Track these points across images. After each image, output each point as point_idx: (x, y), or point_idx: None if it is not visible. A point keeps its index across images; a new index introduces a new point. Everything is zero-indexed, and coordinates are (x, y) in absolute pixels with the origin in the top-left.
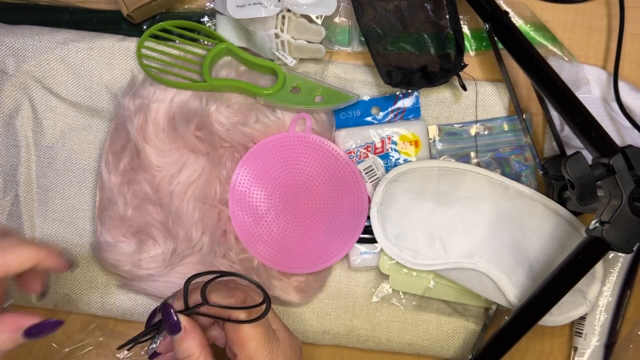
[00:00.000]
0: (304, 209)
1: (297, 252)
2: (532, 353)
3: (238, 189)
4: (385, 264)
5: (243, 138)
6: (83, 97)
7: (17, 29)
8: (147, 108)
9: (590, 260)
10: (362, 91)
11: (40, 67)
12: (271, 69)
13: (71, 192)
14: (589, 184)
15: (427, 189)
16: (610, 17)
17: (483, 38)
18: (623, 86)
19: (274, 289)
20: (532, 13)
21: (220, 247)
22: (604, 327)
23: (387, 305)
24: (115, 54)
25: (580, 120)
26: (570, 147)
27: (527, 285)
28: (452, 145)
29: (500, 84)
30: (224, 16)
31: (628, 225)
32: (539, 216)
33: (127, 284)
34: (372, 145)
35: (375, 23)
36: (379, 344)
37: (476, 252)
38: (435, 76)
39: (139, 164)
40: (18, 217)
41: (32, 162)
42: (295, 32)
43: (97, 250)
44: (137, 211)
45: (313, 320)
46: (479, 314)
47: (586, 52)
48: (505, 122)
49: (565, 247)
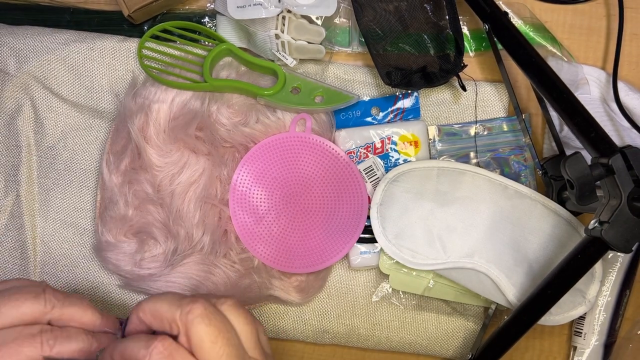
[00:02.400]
0: (304, 208)
1: (298, 251)
2: (531, 352)
3: (239, 189)
4: (385, 263)
5: (244, 138)
6: (84, 98)
7: (18, 29)
8: (148, 108)
9: (589, 260)
10: (362, 92)
11: (41, 67)
12: (271, 70)
13: (72, 192)
14: (588, 184)
15: (427, 189)
16: (609, 18)
17: (482, 39)
18: (622, 86)
19: (274, 289)
20: (531, 14)
21: (221, 247)
22: (603, 326)
23: (387, 304)
24: (116, 54)
25: (580, 120)
26: (569, 147)
27: (527, 285)
28: (452, 146)
29: (499, 84)
30: (224, 17)
31: (627, 225)
32: (538, 216)
33: (128, 283)
34: (372, 145)
35: (375, 24)
36: (379, 344)
37: (475, 252)
38: (434, 77)
39: (140, 164)
40: (19, 217)
41: (34, 163)
42: (296, 33)
43: (98, 250)
44: (138, 211)
45: (313, 319)
46: (479, 314)
47: (585, 52)
48: (504, 122)
49: (564, 247)
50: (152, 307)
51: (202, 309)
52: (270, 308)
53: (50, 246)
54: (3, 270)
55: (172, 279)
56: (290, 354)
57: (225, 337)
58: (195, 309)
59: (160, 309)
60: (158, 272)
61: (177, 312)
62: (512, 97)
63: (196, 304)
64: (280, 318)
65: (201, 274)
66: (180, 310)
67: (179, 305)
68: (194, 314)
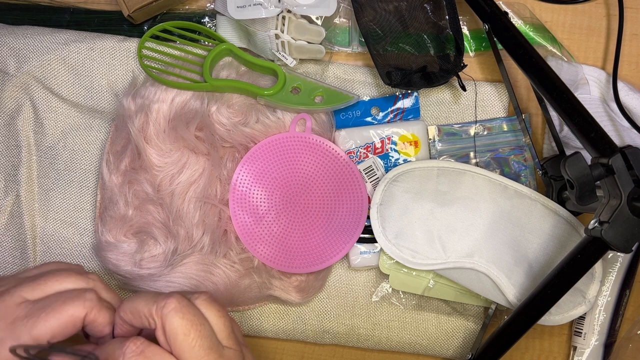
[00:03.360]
0: (304, 208)
1: (298, 251)
2: (531, 352)
3: (238, 189)
4: (385, 263)
5: (243, 138)
6: (84, 98)
7: (18, 29)
8: (148, 108)
9: (589, 260)
10: (362, 92)
11: (41, 67)
12: (271, 70)
13: (72, 192)
14: (588, 184)
15: (427, 188)
16: (609, 18)
17: (482, 39)
18: (622, 86)
19: (274, 289)
20: (531, 13)
21: (221, 247)
22: (603, 326)
23: (387, 304)
24: (116, 54)
25: (580, 120)
26: (569, 147)
27: (527, 285)
28: (452, 146)
29: (499, 84)
30: (224, 17)
31: (627, 225)
32: (538, 216)
33: (128, 283)
34: (372, 145)
35: (375, 24)
36: (379, 344)
37: (475, 252)
38: (434, 77)
39: (139, 164)
40: (19, 217)
41: (34, 162)
42: (296, 33)
43: (98, 250)
44: (138, 211)
45: (313, 319)
46: (479, 314)
47: (585, 52)
48: (504, 122)
49: (564, 247)
50: (130, 306)
51: (176, 303)
52: (270, 308)
53: (50, 246)
54: (3, 270)
55: (172, 279)
56: (290, 354)
57: (197, 329)
58: (170, 304)
59: (138, 306)
60: (158, 272)
61: (153, 307)
62: (512, 97)
63: (170, 299)
64: (280, 318)
65: (201, 274)
66: (155, 305)
67: (155, 301)
68: (168, 308)
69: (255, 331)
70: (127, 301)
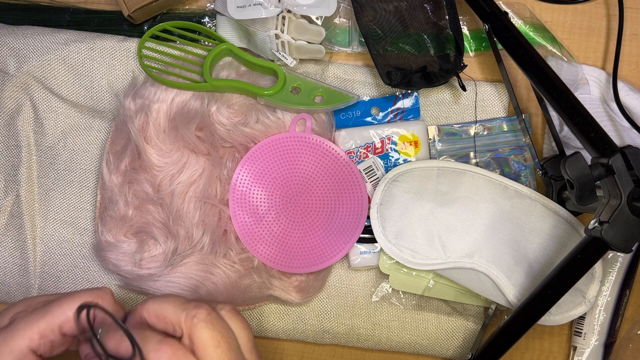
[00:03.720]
0: (304, 208)
1: (297, 251)
2: (531, 352)
3: (238, 189)
4: (385, 263)
5: (243, 138)
6: (84, 98)
7: (18, 29)
8: (148, 108)
9: (589, 260)
10: (362, 92)
11: (41, 67)
12: (271, 70)
13: (72, 192)
14: (588, 184)
15: (427, 189)
16: (609, 18)
17: (482, 39)
18: (622, 86)
19: (274, 289)
20: (531, 13)
21: (220, 247)
22: (603, 326)
23: (387, 304)
24: (116, 54)
25: (580, 120)
26: (569, 147)
27: (527, 285)
28: (452, 146)
29: (499, 84)
30: (224, 17)
31: (627, 225)
32: (538, 216)
33: (128, 283)
34: (372, 145)
35: (375, 24)
36: (379, 343)
37: (475, 252)
38: (434, 77)
39: (139, 164)
40: (19, 217)
41: (34, 162)
42: (296, 33)
43: (98, 250)
44: (138, 211)
45: (313, 319)
46: (479, 314)
47: (585, 52)
48: (504, 122)
49: (564, 247)
50: (157, 309)
51: (206, 314)
52: (270, 308)
53: (50, 246)
54: (3, 270)
55: (172, 279)
56: (290, 354)
57: (227, 342)
58: (200, 314)
59: (166, 311)
60: (158, 272)
61: (182, 315)
62: (512, 97)
63: (200, 309)
64: (280, 318)
65: (201, 274)
66: (185, 314)
67: (184, 309)
68: (199, 319)
69: (255, 331)
70: (152, 303)
